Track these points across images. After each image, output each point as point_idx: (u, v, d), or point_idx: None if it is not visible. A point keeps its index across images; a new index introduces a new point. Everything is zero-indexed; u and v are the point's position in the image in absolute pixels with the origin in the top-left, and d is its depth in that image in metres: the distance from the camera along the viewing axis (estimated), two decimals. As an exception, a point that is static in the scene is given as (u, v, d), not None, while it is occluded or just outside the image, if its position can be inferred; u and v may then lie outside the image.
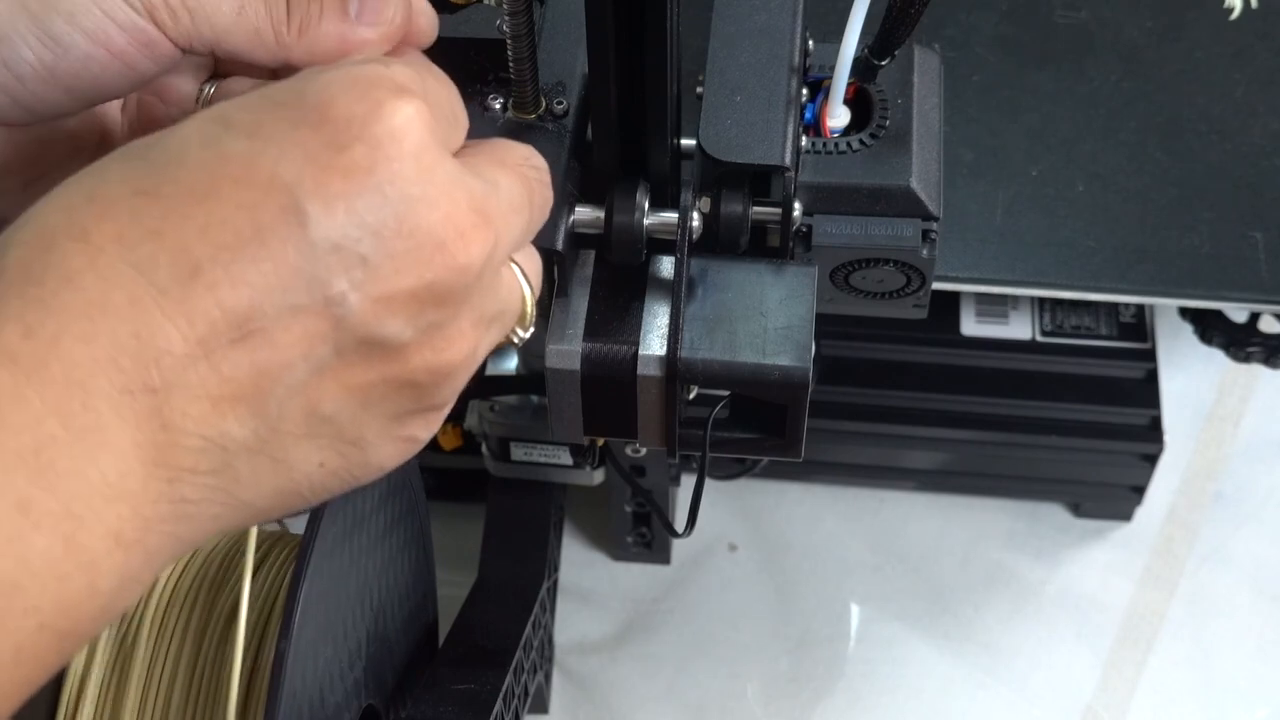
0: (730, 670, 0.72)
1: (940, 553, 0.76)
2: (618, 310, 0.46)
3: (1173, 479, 0.77)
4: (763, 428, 0.47)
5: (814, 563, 0.76)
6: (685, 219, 0.45)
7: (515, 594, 0.64)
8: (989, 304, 0.72)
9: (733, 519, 0.77)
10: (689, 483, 0.70)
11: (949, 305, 0.72)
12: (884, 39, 0.48)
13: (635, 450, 0.65)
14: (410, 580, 0.57)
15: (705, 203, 0.46)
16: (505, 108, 0.47)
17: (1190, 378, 0.80)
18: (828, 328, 0.50)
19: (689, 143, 0.47)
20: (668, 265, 0.47)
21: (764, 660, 0.73)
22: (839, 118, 0.50)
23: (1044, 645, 0.73)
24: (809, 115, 0.50)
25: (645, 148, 0.45)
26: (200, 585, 0.49)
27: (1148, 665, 0.72)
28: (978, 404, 0.71)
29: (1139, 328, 0.72)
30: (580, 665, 0.73)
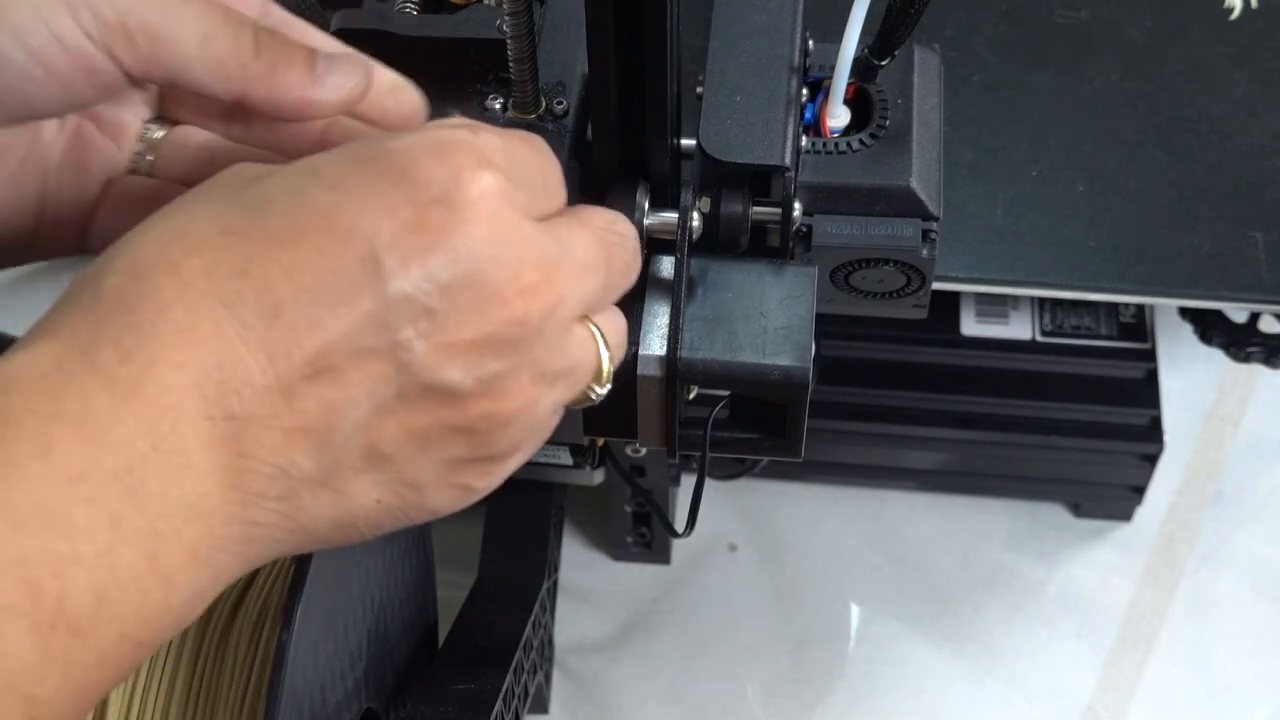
0: (730, 670, 0.72)
1: (940, 553, 0.76)
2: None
3: (1173, 479, 0.77)
4: (763, 428, 0.47)
5: (814, 563, 0.76)
6: (685, 219, 0.45)
7: (515, 594, 0.64)
8: (989, 304, 0.72)
9: (733, 519, 0.77)
10: (689, 483, 0.70)
11: (949, 305, 0.72)
12: (884, 39, 0.48)
13: (635, 450, 0.65)
14: (411, 582, 0.57)
15: (705, 203, 0.46)
16: (505, 108, 0.47)
17: (1190, 378, 0.80)
18: (828, 328, 0.50)
19: (689, 143, 0.47)
20: (668, 265, 0.47)
21: (764, 660, 0.73)
22: (839, 118, 0.50)
23: (1044, 645, 0.73)
24: (809, 115, 0.50)
25: (645, 148, 0.45)
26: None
27: (1148, 665, 0.72)
28: (978, 404, 0.71)
29: (1139, 328, 0.72)
30: (580, 665, 0.73)
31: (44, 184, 0.42)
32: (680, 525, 0.53)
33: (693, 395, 0.47)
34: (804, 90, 0.50)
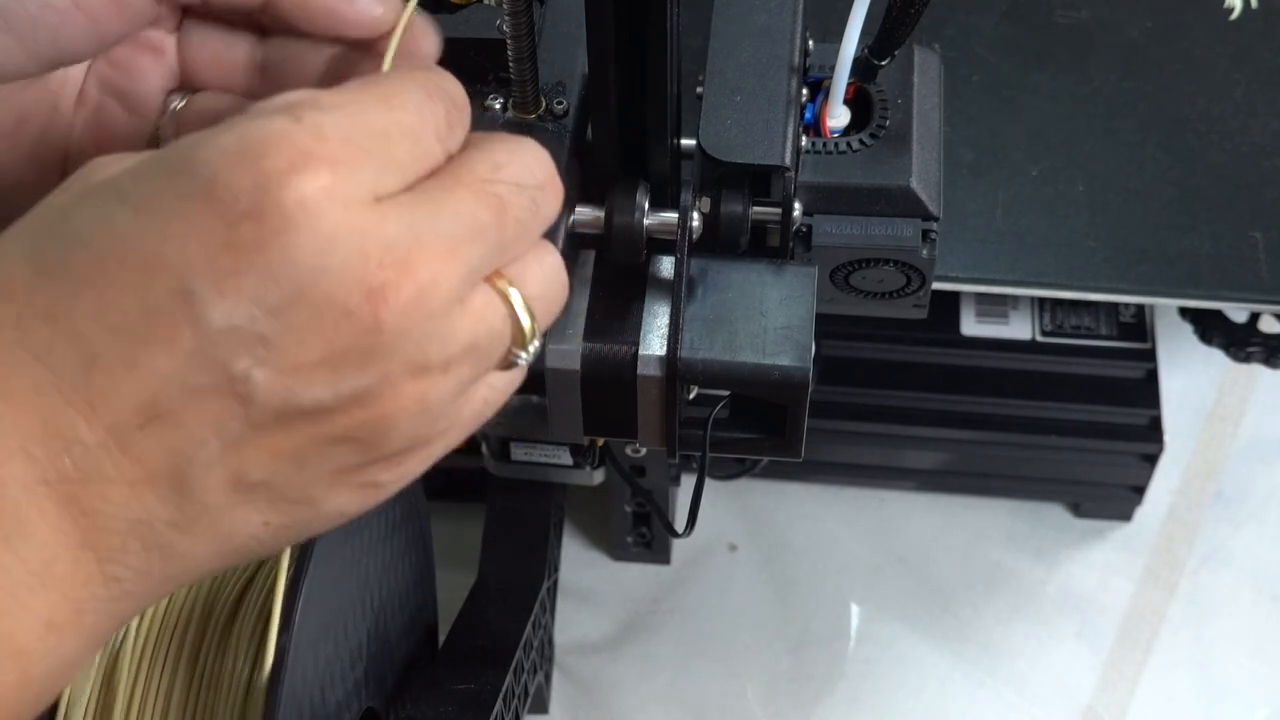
0: (730, 670, 0.72)
1: (940, 553, 0.76)
2: (618, 310, 0.46)
3: (1173, 479, 0.77)
4: (763, 428, 0.47)
5: (814, 563, 0.76)
6: (685, 219, 0.45)
7: (515, 594, 0.64)
8: (989, 304, 0.72)
9: (733, 519, 0.77)
10: (689, 483, 0.70)
11: (949, 305, 0.72)
12: (884, 39, 0.48)
13: (635, 450, 0.65)
14: (411, 582, 0.57)
15: (705, 203, 0.46)
16: (505, 108, 0.47)
17: (1190, 378, 0.80)
18: (828, 328, 0.50)
19: (689, 143, 0.47)
20: (668, 265, 0.47)
21: (764, 660, 0.73)
22: (839, 118, 0.50)
23: (1044, 645, 0.73)
24: (809, 115, 0.50)
25: (645, 148, 0.45)
26: (201, 583, 0.49)
27: (1148, 665, 0.72)
28: (978, 404, 0.71)
29: (1139, 328, 0.72)
30: (580, 665, 0.73)
31: (65, 164, 0.41)
32: (680, 525, 0.53)
33: (693, 395, 0.47)
34: (804, 90, 0.50)
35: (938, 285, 0.55)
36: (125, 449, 0.30)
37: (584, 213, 0.46)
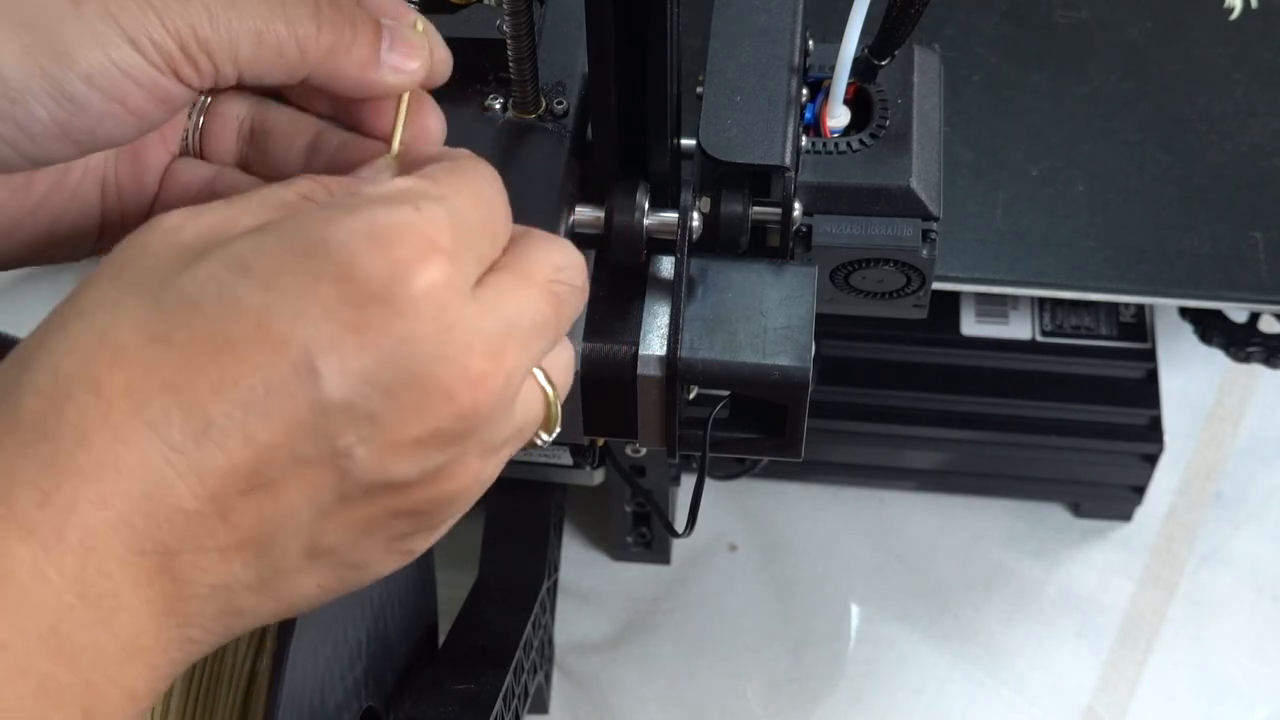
0: (730, 670, 0.72)
1: (940, 553, 0.76)
2: (618, 310, 0.46)
3: (1173, 479, 0.77)
4: (763, 428, 0.47)
5: (814, 563, 0.76)
6: (685, 219, 0.45)
7: (515, 594, 0.64)
8: (989, 304, 0.72)
9: (733, 519, 0.77)
10: (689, 483, 0.70)
11: (949, 305, 0.72)
12: (884, 39, 0.48)
13: (635, 450, 0.65)
14: (411, 582, 0.57)
15: (705, 203, 0.46)
16: (505, 108, 0.47)
17: (1190, 378, 0.80)
18: (828, 328, 0.50)
19: (689, 143, 0.47)
20: (668, 265, 0.47)
21: (764, 660, 0.73)
22: (839, 118, 0.50)
23: (1044, 645, 0.73)
24: (809, 115, 0.50)
25: (645, 148, 0.45)
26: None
27: (1148, 665, 0.72)
28: (978, 404, 0.71)
29: (1139, 328, 0.72)
30: (580, 665, 0.73)
31: (104, 188, 0.42)
32: (680, 525, 0.53)
33: (693, 395, 0.47)
34: (804, 90, 0.50)
35: (938, 285, 0.55)
36: (223, 516, 0.31)
37: (584, 213, 0.46)
